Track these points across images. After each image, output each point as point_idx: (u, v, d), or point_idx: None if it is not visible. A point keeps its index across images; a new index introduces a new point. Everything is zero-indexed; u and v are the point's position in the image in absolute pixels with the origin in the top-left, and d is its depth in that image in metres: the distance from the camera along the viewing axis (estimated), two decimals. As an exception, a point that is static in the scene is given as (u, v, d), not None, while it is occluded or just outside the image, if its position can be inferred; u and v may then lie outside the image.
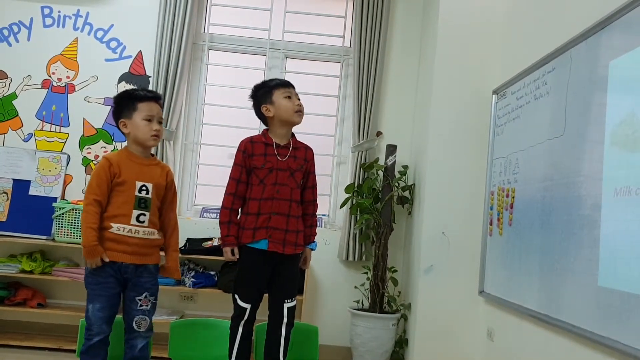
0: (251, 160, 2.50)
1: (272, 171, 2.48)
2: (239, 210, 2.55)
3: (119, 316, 2.43)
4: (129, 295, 2.39)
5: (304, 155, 2.59)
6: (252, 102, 2.63)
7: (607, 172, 1.94)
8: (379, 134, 3.99)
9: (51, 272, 3.65)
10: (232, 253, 2.49)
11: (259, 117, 2.63)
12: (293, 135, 2.62)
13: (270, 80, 2.64)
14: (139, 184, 2.38)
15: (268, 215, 2.46)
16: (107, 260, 2.30)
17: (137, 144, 2.44)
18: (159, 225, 2.47)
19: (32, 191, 3.80)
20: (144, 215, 2.37)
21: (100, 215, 2.32)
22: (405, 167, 3.80)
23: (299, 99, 2.58)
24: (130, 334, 2.39)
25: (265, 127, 2.64)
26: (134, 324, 2.36)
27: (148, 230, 2.38)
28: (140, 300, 2.37)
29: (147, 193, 2.39)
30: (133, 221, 2.34)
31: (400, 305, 3.67)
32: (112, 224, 2.32)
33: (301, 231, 2.56)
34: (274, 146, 2.52)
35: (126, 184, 2.36)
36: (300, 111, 2.55)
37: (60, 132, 3.99)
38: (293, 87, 2.60)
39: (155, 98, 2.48)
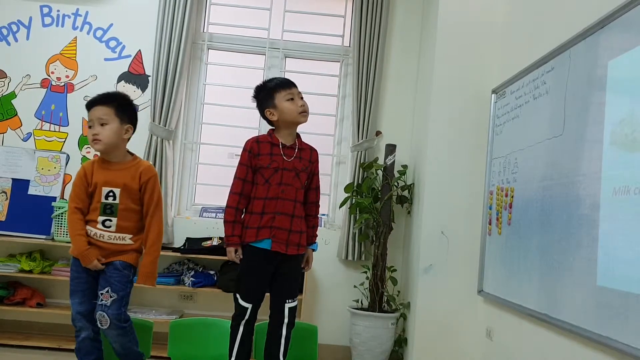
0: (257, 160, 2.48)
1: (277, 171, 2.47)
2: (244, 210, 2.53)
3: None
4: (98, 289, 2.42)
5: (309, 157, 2.58)
6: (255, 104, 2.60)
7: (606, 172, 1.94)
8: (378, 133, 3.99)
9: (50, 272, 3.65)
10: (236, 253, 2.48)
11: (265, 119, 2.60)
12: (298, 135, 2.60)
13: (270, 81, 2.58)
14: (105, 190, 2.41)
15: (272, 215, 2.45)
16: (103, 260, 2.39)
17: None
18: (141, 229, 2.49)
19: (32, 190, 3.80)
20: (110, 220, 2.41)
21: None
22: (405, 166, 3.80)
23: (302, 98, 2.54)
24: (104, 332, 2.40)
25: (271, 127, 2.61)
26: (97, 321, 2.36)
27: (115, 235, 2.42)
28: (102, 294, 2.37)
29: (114, 199, 2.41)
30: (99, 226, 2.41)
31: (399, 304, 3.68)
32: (86, 226, 2.43)
33: (304, 232, 2.55)
34: (280, 146, 2.51)
35: (96, 191, 2.41)
36: (304, 111, 2.52)
37: (59, 131, 3.98)
38: (294, 85, 2.55)
39: (96, 102, 2.44)
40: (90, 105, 2.43)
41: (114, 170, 2.44)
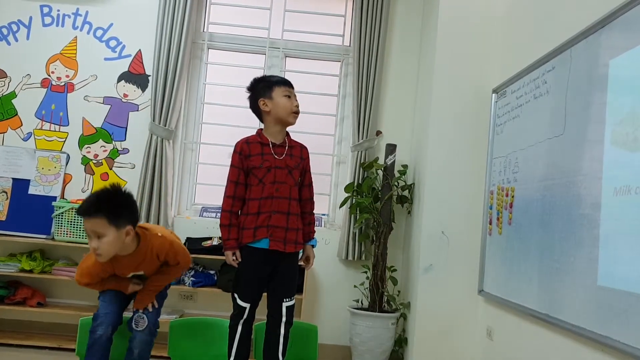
0: (248, 161, 2.49)
1: (270, 170, 2.48)
2: (239, 212, 2.54)
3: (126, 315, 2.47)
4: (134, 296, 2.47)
5: (300, 154, 2.60)
6: (249, 95, 2.60)
7: (607, 172, 1.94)
8: (378, 133, 3.98)
9: (51, 271, 3.65)
10: (233, 256, 2.48)
11: (254, 111, 2.61)
12: (287, 134, 2.62)
13: (272, 76, 2.65)
14: (130, 274, 2.44)
15: (268, 214, 2.45)
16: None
17: None
18: None
19: (32, 190, 3.80)
20: (140, 281, 2.49)
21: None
22: (405, 166, 3.79)
23: (297, 100, 2.58)
24: (131, 336, 2.39)
25: (259, 128, 2.63)
26: (133, 322, 2.37)
27: None
28: None
29: (140, 276, 2.48)
30: None
31: (399, 304, 3.67)
32: None
33: (300, 229, 2.56)
34: (270, 145, 2.52)
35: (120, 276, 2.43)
36: (297, 112, 2.55)
37: (59, 131, 3.98)
38: (293, 87, 2.60)
39: (85, 214, 2.20)
40: (82, 214, 2.22)
41: (131, 262, 2.37)
